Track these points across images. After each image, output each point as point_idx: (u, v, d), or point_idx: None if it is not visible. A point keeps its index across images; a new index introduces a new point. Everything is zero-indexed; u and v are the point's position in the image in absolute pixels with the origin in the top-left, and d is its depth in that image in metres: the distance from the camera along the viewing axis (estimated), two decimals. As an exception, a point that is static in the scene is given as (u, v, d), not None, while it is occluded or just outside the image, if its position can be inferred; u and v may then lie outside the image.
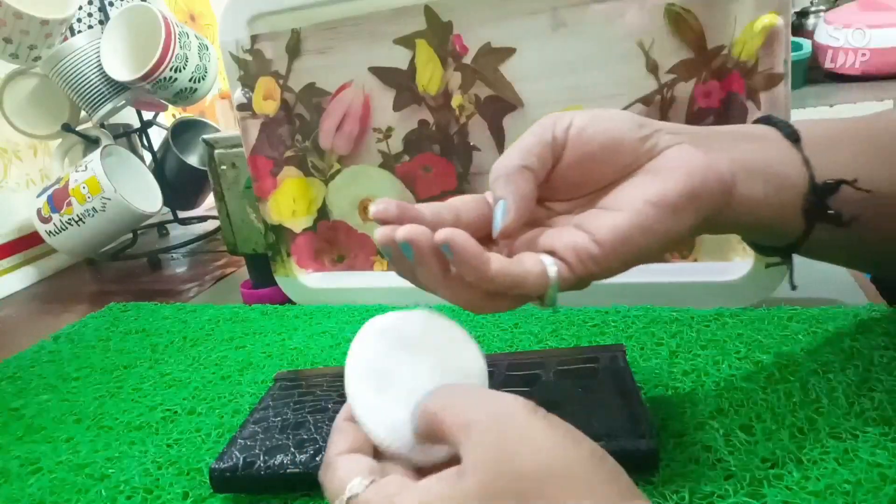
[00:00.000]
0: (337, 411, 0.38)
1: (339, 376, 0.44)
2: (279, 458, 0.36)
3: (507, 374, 0.40)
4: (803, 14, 1.47)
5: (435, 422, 0.25)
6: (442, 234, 0.26)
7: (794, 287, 0.37)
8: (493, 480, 0.23)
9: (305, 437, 0.37)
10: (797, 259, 0.36)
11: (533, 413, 0.24)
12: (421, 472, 0.27)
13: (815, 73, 1.38)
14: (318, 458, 0.35)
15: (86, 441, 0.44)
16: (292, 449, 0.36)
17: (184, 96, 0.87)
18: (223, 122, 1.39)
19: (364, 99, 0.57)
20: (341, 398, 0.41)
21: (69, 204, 0.81)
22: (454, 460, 0.25)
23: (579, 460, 0.23)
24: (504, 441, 0.23)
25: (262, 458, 0.36)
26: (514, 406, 0.25)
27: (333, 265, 0.64)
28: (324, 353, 0.53)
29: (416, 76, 0.54)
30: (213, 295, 0.77)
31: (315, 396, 0.42)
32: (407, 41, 0.54)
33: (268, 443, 0.37)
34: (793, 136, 0.33)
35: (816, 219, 0.33)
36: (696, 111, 0.48)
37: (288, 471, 0.35)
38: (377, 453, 0.28)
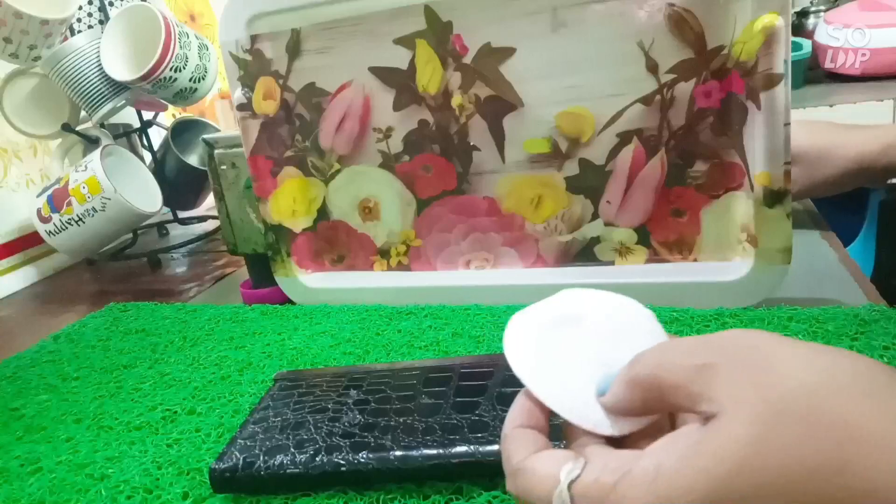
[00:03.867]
0: (337, 411, 0.39)
1: (340, 376, 0.45)
2: (279, 458, 0.36)
3: (506, 374, 0.40)
4: (803, 14, 1.47)
5: (653, 385, 0.22)
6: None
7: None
8: (761, 413, 0.18)
9: (305, 437, 0.37)
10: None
11: (778, 339, 0.20)
12: (620, 446, 0.23)
13: (815, 73, 1.38)
14: (317, 459, 0.35)
15: (86, 441, 0.44)
16: (292, 449, 0.36)
17: (184, 96, 0.87)
18: (223, 122, 1.39)
19: (364, 99, 0.57)
20: (341, 398, 0.41)
21: (69, 204, 0.81)
22: (655, 428, 0.22)
23: (853, 369, 0.19)
24: (756, 371, 0.19)
25: (262, 458, 0.36)
26: (752, 336, 0.21)
27: (333, 265, 0.64)
28: (324, 353, 0.53)
29: (416, 76, 0.54)
30: (213, 295, 0.77)
31: (315, 396, 0.42)
32: (407, 41, 0.54)
33: (268, 443, 0.37)
34: None
35: None
36: (696, 111, 0.48)
37: (288, 471, 0.35)
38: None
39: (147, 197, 0.88)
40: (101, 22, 0.95)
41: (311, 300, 0.64)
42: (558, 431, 0.26)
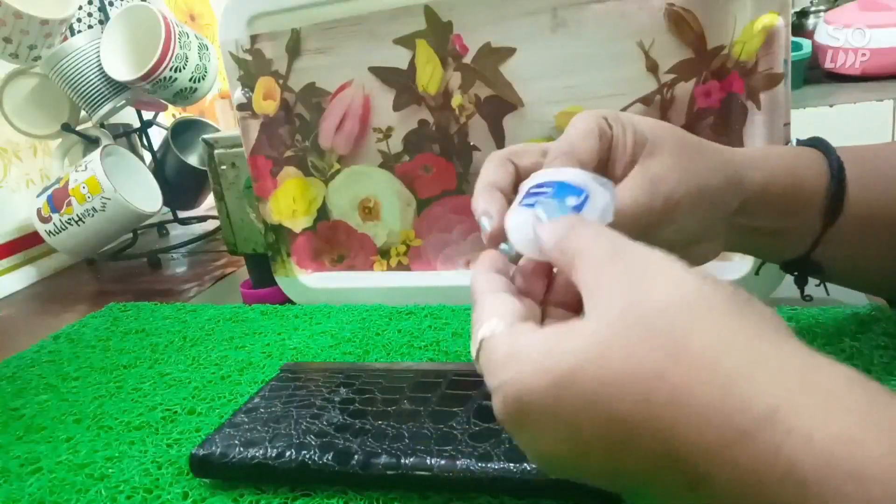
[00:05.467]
0: (322, 408, 0.40)
1: (339, 372, 0.45)
2: (251, 450, 0.36)
3: None
4: (803, 14, 1.47)
5: (565, 260, 0.25)
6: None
7: (806, 298, 0.39)
8: (618, 326, 0.21)
9: (283, 431, 0.38)
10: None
11: (674, 258, 0.23)
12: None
13: (815, 73, 1.38)
14: (286, 455, 0.36)
15: (86, 441, 0.44)
16: (266, 443, 0.37)
17: (184, 96, 0.87)
18: (223, 122, 1.39)
19: (364, 99, 0.57)
20: (330, 395, 0.41)
21: (69, 204, 0.81)
22: None
23: (719, 296, 0.21)
24: (626, 277, 0.22)
25: (237, 448, 0.37)
26: (623, 240, 0.24)
27: (333, 265, 0.64)
28: (324, 353, 0.53)
29: (416, 76, 0.54)
30: (213, 295, 0.76)
31: (308, 391, 0.42)
32: (407, 41, 0.54)
33: (248, 434, 0.38)
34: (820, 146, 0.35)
35: (836, 214, 0.34)
36: (696, 111, 0.48)
37: (255, 462, 0.36)
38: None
39: (147, 197, 0.88)
40: (101, 22, 0.95)
41: (311, 300, 0.64)
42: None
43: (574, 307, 0.27)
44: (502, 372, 0.23)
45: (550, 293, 0.29)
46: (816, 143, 0.36)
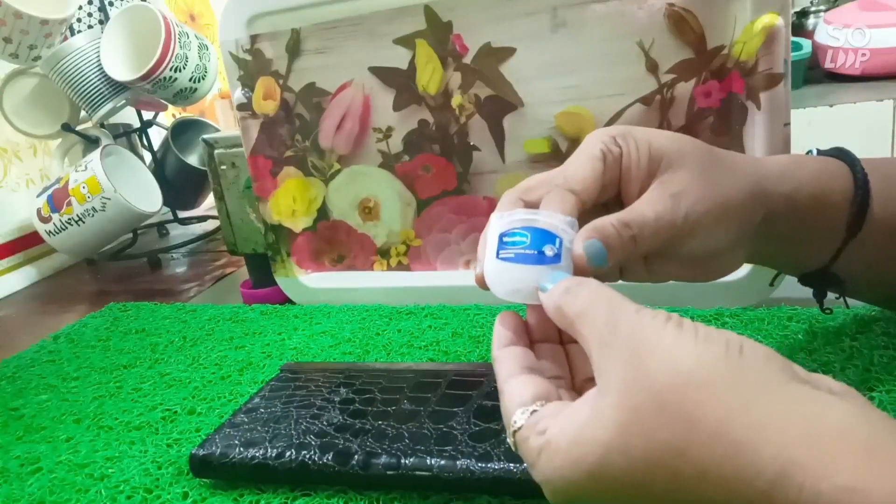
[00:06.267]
0: (322, 408, 0.40)
1: (339, 372, 0.45)
2: (251, 450, 0.36)
3: (492, 387, 0.40)
4: (803, 14, 1.47)
5: (570, 326, 0.26)
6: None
7: (826, 311, 0.40)
8: (633, 409, 0.22)
9: (283, 431, 0.38)
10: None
11: (662, 321, 0.23)
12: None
13: (815, 73, 1.38)
14: (286, 455, 0.36)
15: (86, 441, 0.44)
16: (267, 443, 0.37)
17: (184, 96, 0.87)
18: (223, 122, 1.39)
19: (364, 99, 0.57)
20: (330, 395, 0.41)
21: (69, 204, 0.81)
22: None
23: (714, 360, 0.22)
24: (627, 353, 0.23)
25: (237, 448, 0.37)
26: (618, 306, 0.24)
27: (333, 265, 0.64)
28: (324, 353, 0.53)
29: (416, 76, 0.54)
30: (212, 295, 0.76)
31: (308, 391, 0.42)
32: (407, 41, 0.54)
33: (248, 434, 0.38)
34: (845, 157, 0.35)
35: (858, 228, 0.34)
36: (696, 111, 0.48)
37: (255, 463, 0.36)
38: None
39: (147, 197, 0.88)
40: (101, 22, 0.95)
41: (311, 300, 0.64)
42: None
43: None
44: (541, 468, 0.24)
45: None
46: (840, 154, 0.36)
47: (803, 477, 0.19)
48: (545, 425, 0.24)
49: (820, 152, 0.37)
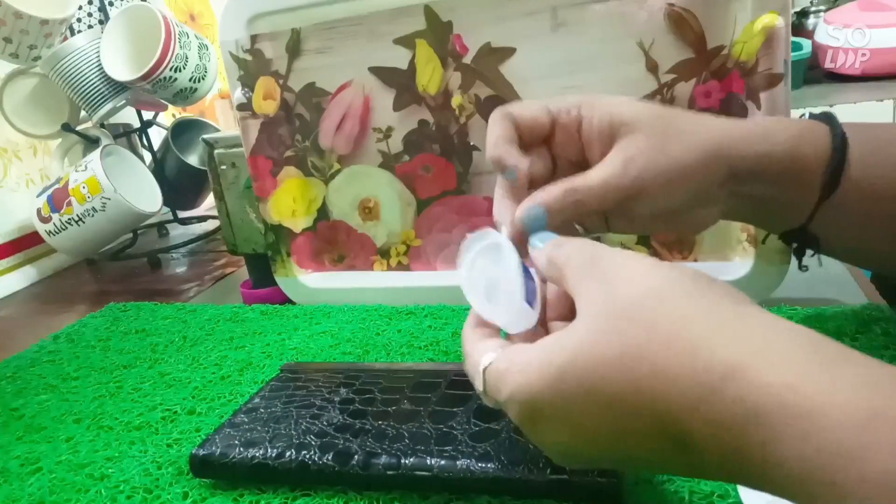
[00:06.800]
0: (322, 408, 0.40)
1: (339, 372, 0.45)
2: (252, 450, 0.36)
3: None
4: (803, 14, 1.48)
5: (557, 274, 0.28)
6: None
7: (803, 268, 0.41)
8: (602, 320, 0.24)
9: (283, 431, 0.38)
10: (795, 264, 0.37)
11: (640, 255, 0.26)
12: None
13: (815, 73, 1.38)
14: (286, 455, 0.36)
15: (86, 441, 0.44)
16: (267, 443, 0.37)
17: (184, 96, 0.87)
18: (223, 122, 1.39)
19: (364, 99, 0.57)
20: (330, 395, 0.41)
21: (69, 204, 0.81)
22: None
23: (678, 277, 0.24)
24: (604, 277, 0.25)
25: (237, 448, 0.37)
26: (600, 249, 0.27)
27: (333, 265, 0.64)
28: (324, 353, 0.53)
29: (416, 76, 0.54)
30: (212, 295, 0.77)
31: (308, 391, 0.42)
32: (407, 41, 0.54)
33: (248, 434, 0.38)
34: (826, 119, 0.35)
35: (835, 184, 0.34)
36: (696, 111, 0.48)
37: (256, 463, 0.36)
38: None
39: (147, 197, 0.88)
40: (101, 22, 0.95)
41: (311, 300, 0.64)
42: None
43: (571, 317, 0.28)
44: (509, 383, 0.26)
45: (547, 311, 0.32)
46: (826, 118, 0.36)
47: (754, 375, 0.20)
48: (513, 352, 0.26)
49: (812, 116, 0.37)
